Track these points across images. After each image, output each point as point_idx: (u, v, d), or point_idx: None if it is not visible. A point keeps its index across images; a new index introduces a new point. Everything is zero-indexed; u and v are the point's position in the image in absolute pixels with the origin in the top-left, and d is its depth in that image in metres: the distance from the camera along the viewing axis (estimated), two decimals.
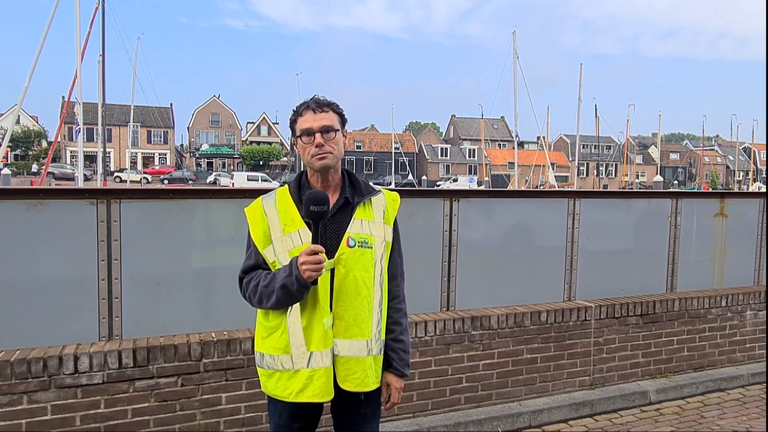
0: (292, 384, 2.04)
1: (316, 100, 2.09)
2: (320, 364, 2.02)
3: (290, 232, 2.04)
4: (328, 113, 2.08)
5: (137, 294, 3.33)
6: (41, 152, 59.71)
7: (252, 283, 2.08)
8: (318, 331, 2.01)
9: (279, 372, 2.07)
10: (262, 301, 2.04)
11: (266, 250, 2.08)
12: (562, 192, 6.24)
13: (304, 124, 2.06)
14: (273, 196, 2.14)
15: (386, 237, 2.15)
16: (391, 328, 2.19)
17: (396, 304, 2.21)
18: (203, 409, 3.27)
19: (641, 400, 4.42)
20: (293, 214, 2.06)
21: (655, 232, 4.95)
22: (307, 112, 2.07)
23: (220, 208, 3.65)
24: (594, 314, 4.38)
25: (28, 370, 2.93)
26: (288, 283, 1.93)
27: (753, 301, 5.10)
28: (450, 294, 4.09)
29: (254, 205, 2.15)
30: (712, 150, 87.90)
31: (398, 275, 2.23)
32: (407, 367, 2.22)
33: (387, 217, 2.17)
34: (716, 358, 4.95)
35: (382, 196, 2.19)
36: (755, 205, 5.43)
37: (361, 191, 2.14)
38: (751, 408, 4.43)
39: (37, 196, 3.18)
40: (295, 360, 2.03)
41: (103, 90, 29.83)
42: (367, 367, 2.08)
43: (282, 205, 2.09)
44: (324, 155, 2.04)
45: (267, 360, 2.10)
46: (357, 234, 2.06)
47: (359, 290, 2.05)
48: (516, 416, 3.98)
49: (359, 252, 2.05)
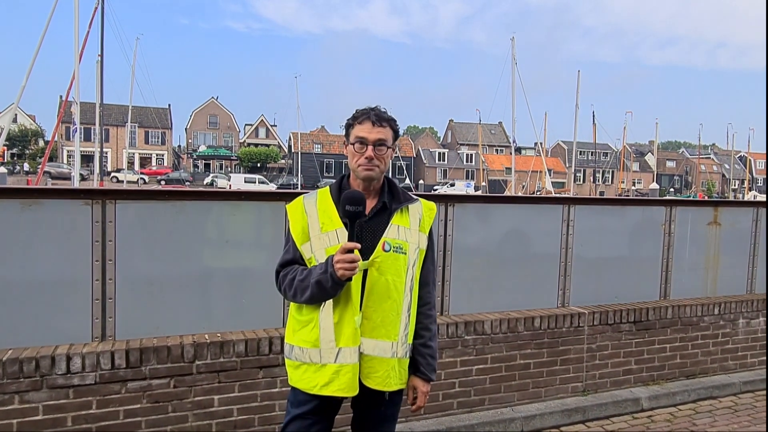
0: (318, 377, 2.11)
1: (377, 113, 2.15)
2: (348, 360, 2.09)
3: (328, 230, 2.12)
4: (385, 128, 2.15)
5: (131, 295, 3.33)
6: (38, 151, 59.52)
7: (288, 276, 2.15)
8: (348, 328, 2.08)
9: (306, 364, 2.14)
10: (296, 294, 2.12)
11: (304, 246, 2.15)
12: (557, 198, 6.24)
13: (360, 133, 2.13)
14: (314, 196, 2.22)
15: (420, 244, 2.22)
16: (421, 333, 2.26)
17: (427, 310, 2.28)
18: (195, 410, 3.27)
19: (633, 407, 4.43)
20: (332, 214, 2.14)
21: (649, 239, 4.97)
22: (366, 122, 2.14)
23: (216, 210, 3.65)
24: (587, 321, 4.39)
25: (20, 370, 2.92)
26: (323, 280, 2.01)
27: (746, 309, 5.12)
28: (444, 299, 4.09)
29: (296, 203, 2.22)
30: (708, 158, 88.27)
31: (430, 282, 2.30)
32: (434, 371, 2.28)
33: (423, 225, 2.24)
34: (708, 366, 4.97)
35: (419, 204, 2.26)
36: (749, 213, 5.45)
37: (399, 198, 2.21)
38: (743, 416, 4.45)
39: (33, 196, 3.18)
40: (324, 354, 2.10)
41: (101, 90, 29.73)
42: (390, 368, 2.14)
43: (322, 204, 2.17)
44: (371, 168, 2.12)
45: (296, 352, 2.17)
46: (393, 239, 2.13)
47: (390, 293, 2.12)
48: (508, 422, 3.98)
49: (393, 257, 2.12)
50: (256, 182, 49.18)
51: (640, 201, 6.18)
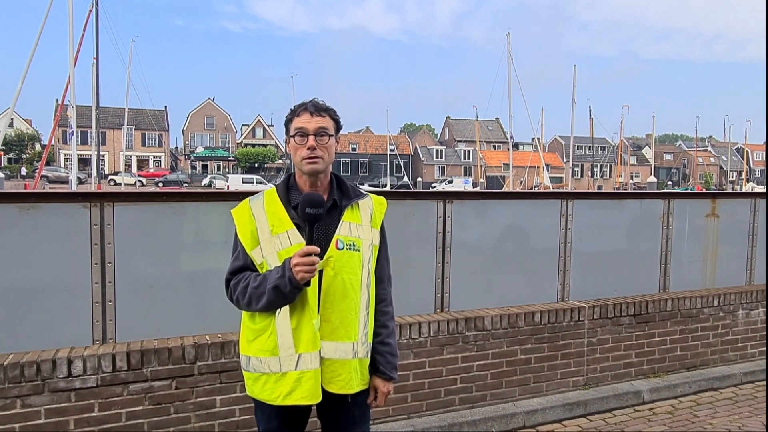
0: (280, 387, 2.02)
1: (315, 104, 2.11)
2: (309, 366, 2.01)
3: (279, 233, 2.04)
4: (325, 118, 2.09)
5: (131, 297, 3.33)
6: (35, 155, 59.47)
7: (241, 284, 2.06)
8: (307, 333, 2.01)
9: (266, 375, 2.05)
10: (251, 302, 2.03)
11: (254, 251, 2.07)
12: (555, 193, 6.27)
13: (299, 124, 2.07)
14: (261, 198, 2.13)
15: (373, 240, 2.16)
16: (378, 331, 2.20)
17: (383, 307, 2.22)
18: (198, 411, 3.27)
19: (634, 400, 4.44)
20: (282, 216, 2.06)
21: (648, 232, 4.97)
22: (304, 114, 2.08)
23: (214, 212, 3.65)
24: (587, 314, 4.40)
25: (21, 374, 2.92)
26: (281, 285, 1.93)
27: (745, 300, 5.14)
28: (444, 295, 4.10)
29: (241, 207, 2.13)
30: (705, 151, 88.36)
31: (385, 278, 2.24)
32: (394, 370, 2.21)
33: (374, 220, 2.18)
34: (709, 358, 4.99)
35: (369, 200, 2.20)
36: (746, 205, 5.46)
37: (348, 194, 2.15)
38: (744, 407, 4.47)
39: (30, 200, 3.18)
40: (283, 362, 2.02)
41: (97, 93, 29.69)
42: (352, 370, 2.08)
43: (270, 207, 2.09)
44: (315, 160, 2.05)
45: (254, 363, 2.08)
46: (345, 236, 2.06)
47: (347, 293, 2.05)
48: (510, 417, 3.99)
49: (347, 254, 2.05)
50: (254, 183, 49.15)
51: (638, 194, 6.19)
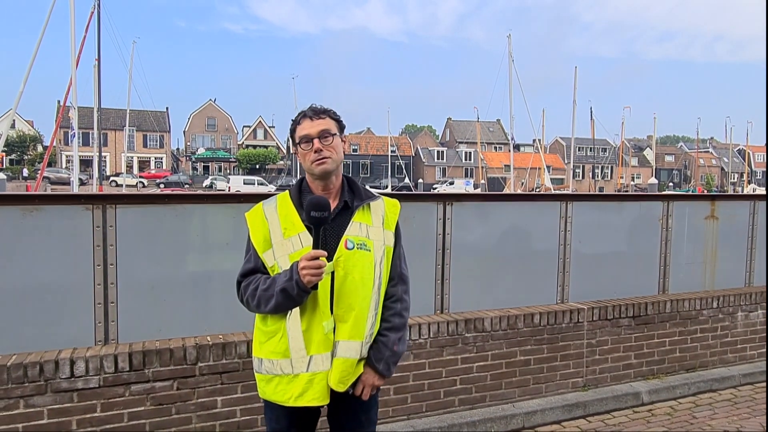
0: (292, 388, 2.05)
1: (312, 108, 2.15)
2: (320, 368, 2.04)
3: (290, 236, 2.07)
4: (325, 119, 2.13)
5: (133, 298, 3.36)
6: (37, 157, 59.56)
7: (251, 286, 2.09)
8: (317, 335, 2.03)
9: (278, 377, 2.07)
10: (260, 305, 2.06)
11: (266, 254, 2.10)
12: (555, 195, 6.29)
13: (302, 131, 2.11)
14: (274, 201, 2.17)
15: (386, 241, 2.17)
16: (380, 325, 2.19)
17: (390, 303, 2.21)
18: (199, 412, 3.29)
19: (633, 401, 4.46)
20: (294, 218, 2.09)
21: (647, 234, 4.99)
22: (304, 120, 2.12)
23: (216, 213, 3.68)
24: (587, 316, 4.42)
25: (24, 375, 2.95)
26: (288, 288, 1.96)
27: (744, 302, 5.15)
28: (444, 297, 4.12)
29: (255, 210, 2.17)
30: (706, 152, 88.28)
31: (395, 276, 2.24)
32: (382, 362, 2.14)
33: (387, 222, 2.20)
34: (708, 359, 5.00)
35: (381, 201, 2.23)
36: (746, 207, 5.48)
37: (360, 196, 2.18)
38: (743, 408, 4.48)
39: (33, 202, 3.21)
40: (295, 364, 2.05)
41: (98, 94, 29.78)
42: (358, 369, 2.12)
43: (283, 210, 2.12)
44: (323, 160, 2.08)
45: (266, 365, 2.11)
46: (355, 236, 2.09)
47: (358, 291, 2.07)
48: (510, 418, 4.01)
49: (358, 254, 2.07)
50: (255, 184, 49.22)
51: (638, 196, 6.21)
